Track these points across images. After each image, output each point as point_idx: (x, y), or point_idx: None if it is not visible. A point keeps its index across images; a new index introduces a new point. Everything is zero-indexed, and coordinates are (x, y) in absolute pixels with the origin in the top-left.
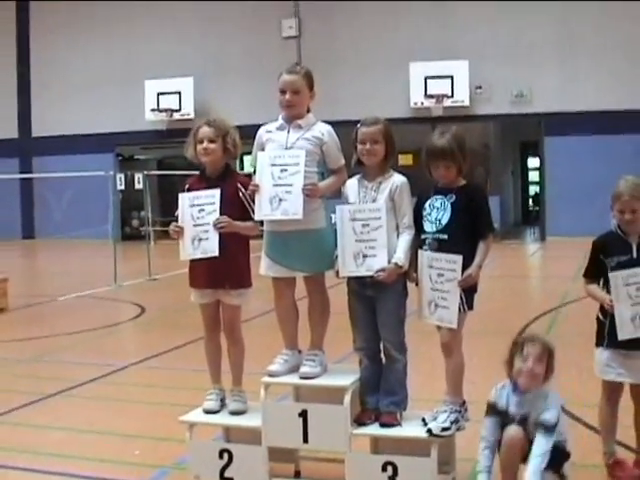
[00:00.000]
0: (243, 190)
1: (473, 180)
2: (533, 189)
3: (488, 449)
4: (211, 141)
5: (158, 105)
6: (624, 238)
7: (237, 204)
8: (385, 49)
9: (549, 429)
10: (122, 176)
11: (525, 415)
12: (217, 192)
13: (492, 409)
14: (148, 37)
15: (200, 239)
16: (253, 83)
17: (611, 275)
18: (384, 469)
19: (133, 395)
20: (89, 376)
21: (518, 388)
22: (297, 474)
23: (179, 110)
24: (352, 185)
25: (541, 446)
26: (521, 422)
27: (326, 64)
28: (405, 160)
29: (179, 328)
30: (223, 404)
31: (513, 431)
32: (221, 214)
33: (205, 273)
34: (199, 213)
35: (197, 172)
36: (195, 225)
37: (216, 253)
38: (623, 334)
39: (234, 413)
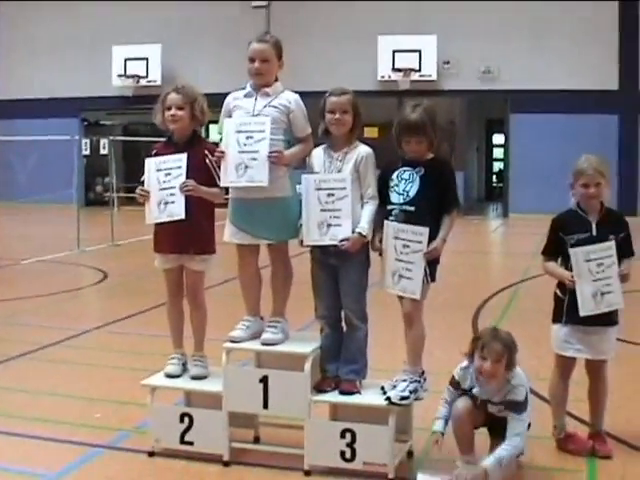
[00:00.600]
0: (210, 156)
1: (440, 155)
2: (497, 166)
3: (447, 405)
4: (179, 108)
5: (125, 71)
6: (584, 216)
7: (204, 170)
8: (354, 21)
9: (519, 406)
10: (87, 141)
11: (489, 400)
12: (184, 156)
13: (456, 385)
14: (117, 1)
15: (166, 202)
16: (221, 51)
17: (572, 251)
18: (342, 436)
19: (95, 359)
20: (51, 339)
21: (479, 380)
22: (256, 439)
23: (146, 76)
24: (318, 155)
25: (515, 427)
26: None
27: (294, 34)
28: (371, 133)
29: (141, 294)
30: (185, 369)
31: (460, 403)
32: (188, 179)
33: (170, 238)
34: (166, 177)
35: (164, 138)
36: (161, 189)
37: (182, 216)
38: (585, 310)
39: (195, 378)
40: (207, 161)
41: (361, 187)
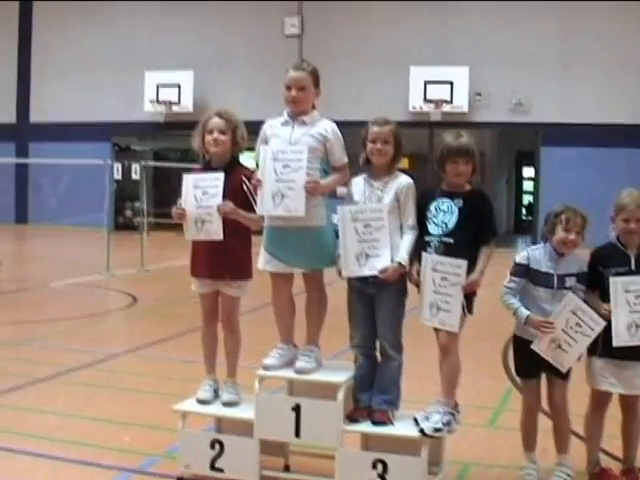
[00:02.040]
0: (247, 183)
1: (477, 187)
2: (527, 198)
3: (517, 295)
4: (221, 132)
5: (157, 97)
6: (623, 250)
7: (240, 196)
8: (386, 51)
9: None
10: (119, 166)
11: (562, 274)
12: (221, 175)
13: (521, 270)
14: (150, 28)
15: (203, 221)
16: (253, 79)
17: (612, 280)
18: (374, 466)
19: (124, 383)
20: (80, 362)
21: (556, 252)
22: (287, 468)
23: (178, 103)
24: (358, 183)
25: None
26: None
27: (326, 63)
28: (401, 163)
29: (171, 319)
30: (216, 395)
31: (530, 393)
32: (226, 201)
33: (206, 263)
34: (202, 195)
35: (195, 165)
36: (198, 207)
37: (220, 237)
38: (618, 341)
39: (227, 404)
40: (244, 187)
41: (401, 217)
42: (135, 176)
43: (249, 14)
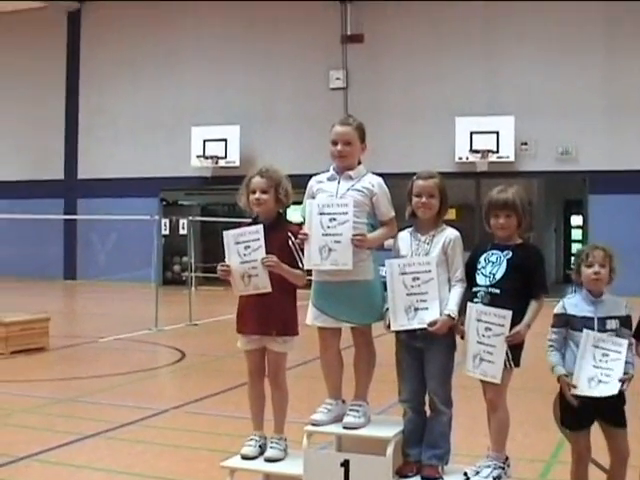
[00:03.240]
0: (293, 239)
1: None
2: (576, 247)
3: (557, 350)
4: (263, 192)
5: (204, 152)
6: None
7: (286, 252)
8: (431, 103)
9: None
10: (167, 221)
11: (602, 317)
12: (260, 227)
13: (560, 319)
14: (196, 83)
15: (250, 275)
16: (299, 133)
17: None
18: None
19: (172, 439)
20: (128, 418)
21: (590, 293)
22: None
23: (225, 157)
24: (404, 237)
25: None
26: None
27: (372, 115)
28: (448, 215)
29: (219, 374)
30: (262, 450)
31: (582, 441)
32: (269, 254)
33: (253, 319)
34: (245, 250)
35: (243, 219)
36: (242, 262)
37: (269, 288)
38: None
39: (269, 460)
40: (290, 243)
41: (449, 270)
42: (183, 231)
43: (293, 67)
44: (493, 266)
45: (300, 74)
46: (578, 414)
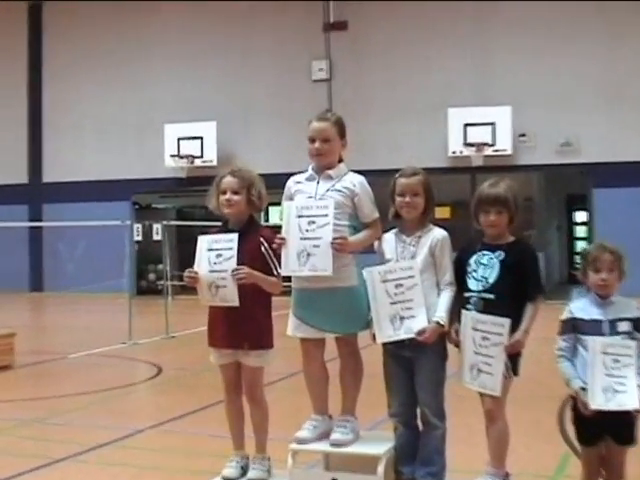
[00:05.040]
0: (266, 245)
1: (521, 238)
2: (580, 245)
3: (569, 361)
4: (235, 192)
5: (178, 151)
6: None
7: (258, 258)
8: (421, 94)
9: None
10: (139, 226)
11: (613, 319)
12: (235, 236)
13: (567, 325)
14: (168, 78)
15: (217, 286)
16: (281, 129)
17: None
18: None
19: (149, 461)
20: (101, 440)
21: (600, 296)
22: None
23: (201, 156)
24: (389, 240)
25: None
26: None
27: (358, 109)
28: (442, 213)
29: (199, 390)
30: (245, 471)
31: (592, 453)
32: (240, 266)
33: (224, 332)
34: (217, 258)
35: (219, 222)
36: (212, 271)
37: (236, 303)
38: None
39: None
40: (262, 249)
41: (437, 273)
42: (157, 236)
43: (273, 58)
44: (485, 269)
45: (280, 65)
46: (592, 427)
